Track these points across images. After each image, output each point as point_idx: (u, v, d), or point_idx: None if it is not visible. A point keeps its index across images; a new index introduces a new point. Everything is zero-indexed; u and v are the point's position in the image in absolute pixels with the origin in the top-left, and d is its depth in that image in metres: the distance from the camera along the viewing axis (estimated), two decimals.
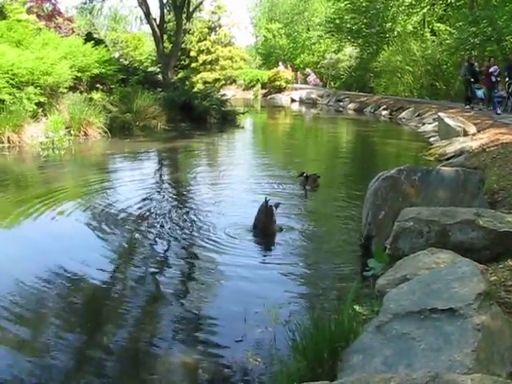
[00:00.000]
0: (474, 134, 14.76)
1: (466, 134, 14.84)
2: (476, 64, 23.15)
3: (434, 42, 33.65)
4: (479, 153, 11.80)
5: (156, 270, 5.87)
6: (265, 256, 6.38)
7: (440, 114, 17.48)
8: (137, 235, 6.96)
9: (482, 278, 3.11)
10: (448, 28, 33.14)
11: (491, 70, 20.87)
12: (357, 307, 4.12)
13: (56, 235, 7.11)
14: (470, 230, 4.91)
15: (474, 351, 2.61)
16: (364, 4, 41.15)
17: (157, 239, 6.77)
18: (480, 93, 22.33)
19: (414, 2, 38.50)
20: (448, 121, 15.76)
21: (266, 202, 6.88)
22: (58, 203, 8.62)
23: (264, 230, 6.88)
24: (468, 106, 22.71)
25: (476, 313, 2.80)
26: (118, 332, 4.48)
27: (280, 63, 52.08)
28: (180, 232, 7.08)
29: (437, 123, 17.77)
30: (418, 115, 25.25)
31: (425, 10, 38.10)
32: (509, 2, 27.33)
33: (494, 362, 2.65)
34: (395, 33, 39.70)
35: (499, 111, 19.66)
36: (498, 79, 21.00)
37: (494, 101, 20.82)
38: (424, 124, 22.29)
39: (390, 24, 40.79)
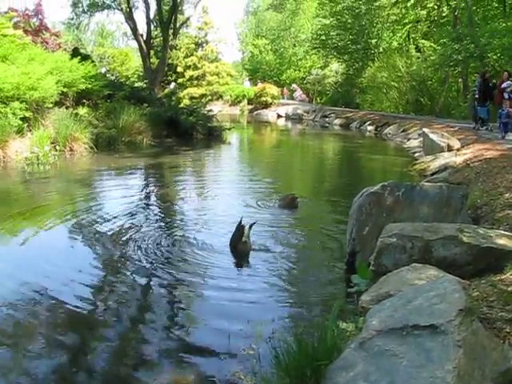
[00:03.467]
0: (458, 150, 14.89)
1: (450, 149, 14.97)
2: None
3: (418, 58, 34.02)
4: (463, 168, 11.89)
5: (139, 289, 5.83)
6: (248, 273, 6.34)
7: (424, 129, 17.63)
8: (120, 253, 6.91)
9: (463, 294, 3.12)
10: (432, 44, 33.55)
11: (503, 85, 17.96)
12: (341, 324, 4.11)
13: (39, 252, 7.04)
14: (452, 245, 4.94)
15: (455, 368, 2.62)
16: (349, 21, 41.64)
17: (140, 257, 6.71)
18: (483, 111, 19.64)
19: (398, 19, 38.96)
20: (432, 136, 15.89)
21: (240, 222, 6.93)
22: (42, 219, 8.57)
23: (234, 248, 6.94)
24: (475, 126, 20.17)
25: (457, 329, 2.81)
26: (103, 351, 4.43)
27: (246, 79, 52.45)
28: (164, 250, 7.03)
29: (421, 139, 17.92)
30: (403, 131, 25.45)
31: (407, 28, 38.52)
32: (490, 20, 27.80)
33: (474, 379, 2.66)
34: (380, 49, 40.14)
35: (503, 134, 16.56)
36: None
37: (499, 121, 17.51)
38: (409, 139, 22.46)
39: (375, 40, 41.26)
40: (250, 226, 6.97)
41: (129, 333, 4.80)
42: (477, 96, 19.60)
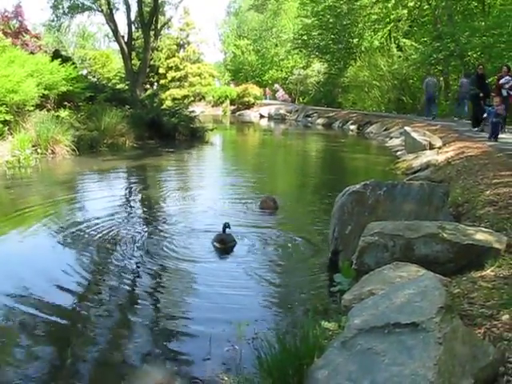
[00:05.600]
0: (439, 148, 14.99)
1: (432, 147, 15.07)
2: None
3: (400, 57, 34.16)
4: (445, 166, 11.98)
5: (123, 290, 5.79)
6: (230, 275, 6.32)
7: (406, 128, 17.71)
8: (104, 254, 6.88)
9: (443, 291, 3.14)
10: (413, 43, 33.73)
11: (502, 80, 16.61)
12: (324, 323, 4.13)
13: (22, 256, 6.97)
14: (434, 243, 4.97)
15: (436, 364, 2.64)
16: (331, 20, 41.70)
17: (124, 258, 6.69)
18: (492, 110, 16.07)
19: (379, 18, 39.09)
20: (414, 135, 15.98)
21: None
22: (24, 223, 8.50)
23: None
24: (476, 129, 17.92)
25: (438, 326, 2.83)
26: (88, 351, 4.41)
27: (216, 80, 52.70)
28: (147, 250, 7.02)
29: (403, 137, 18.01)
30: (385, 129, 25.57)
31: (389, 27, 38.65)
32: (470, 20, 28.02)
33: (455, 375, 2.68)
34: (362, 48, 40.25)
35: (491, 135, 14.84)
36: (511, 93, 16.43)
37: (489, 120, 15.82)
38: (391, 138, 22.56)
39: (356, 40, 41.42)
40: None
41: (111, 331, 4.78)
42: (482, 95, 17.73)
